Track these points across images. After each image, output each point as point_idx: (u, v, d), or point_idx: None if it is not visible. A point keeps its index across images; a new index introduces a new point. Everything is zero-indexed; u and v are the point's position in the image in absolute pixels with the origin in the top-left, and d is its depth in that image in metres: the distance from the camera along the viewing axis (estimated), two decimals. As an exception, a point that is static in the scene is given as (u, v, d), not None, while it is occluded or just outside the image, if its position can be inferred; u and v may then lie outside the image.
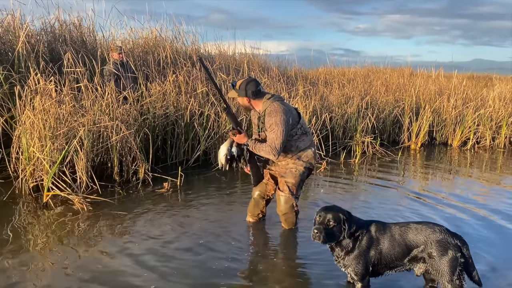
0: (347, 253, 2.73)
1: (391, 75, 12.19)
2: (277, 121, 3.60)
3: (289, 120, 3.67)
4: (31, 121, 4.82)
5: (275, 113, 3.62)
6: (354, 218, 2.77)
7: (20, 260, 3.31)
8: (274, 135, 3.62)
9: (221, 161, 3.88)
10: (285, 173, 3.86)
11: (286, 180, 3.85)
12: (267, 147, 3.66)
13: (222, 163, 3.88)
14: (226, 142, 3.90)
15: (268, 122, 3.66)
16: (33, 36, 7.26)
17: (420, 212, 4.67)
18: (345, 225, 2.67)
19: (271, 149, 3.64)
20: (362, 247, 2.71)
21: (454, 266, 2.61)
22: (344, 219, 2.67)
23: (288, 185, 3.84)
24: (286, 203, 3.88)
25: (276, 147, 3.62)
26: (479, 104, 9.88)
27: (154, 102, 6.27)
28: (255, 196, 4.09)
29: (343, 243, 2.73)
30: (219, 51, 9.99)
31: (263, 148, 3.69)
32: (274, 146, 3.63)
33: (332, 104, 8.26)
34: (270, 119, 3.63)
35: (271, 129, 3.64)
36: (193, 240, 3.78)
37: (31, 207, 4.49)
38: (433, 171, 6.90)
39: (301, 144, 3.81)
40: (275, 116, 3.61)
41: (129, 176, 5.42)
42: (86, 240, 3.75)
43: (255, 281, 3.12)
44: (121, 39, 8.70)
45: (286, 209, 3.90)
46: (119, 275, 3.12)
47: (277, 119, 3.60)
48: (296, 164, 3.83)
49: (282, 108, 3.66)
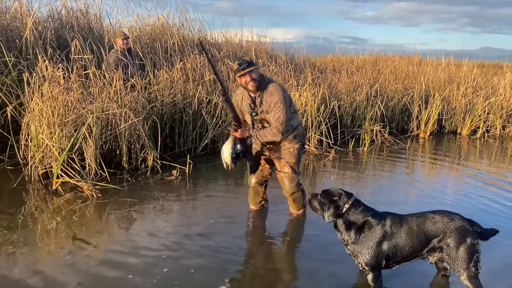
0: (353, 242, 2.71)
1: (400, 63, 12.03)
2: (281, 98, 3.59)
3: (289, 97, 3.72)
4: (40, 108, 4.81)
5: (277, 91, 3.60)
6: (359, 208, 2.75)
7: (29, 246, 3.33)
8: (280, 113, 3.59)
9: (226, 161, 3.79)
10: (283, 154, 3.84)
11: (286, 160, 3.84)
12: (272, 129, 3.63)
13: (227, 163, 3.79)
14: (228, 141, 3.79)
15: (271, 101, 3.60)
16: (40, 23, 7.23)
17: (428, 201, 4.63)
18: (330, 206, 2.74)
19: (277, 130, 3.61)
20: (371, 239, 2.67)
21: (472, 253, 2.58)
22: (331, 200, 2.73)
23: (289, 165, 3.84)
24: (291, 182, 3.87)
25: (282, 125, 3.61)
26: (490, 92, 9.74)
27: (162, 89, 6.23)
28: (253, 185, 4.09)
29: (339, 226, 2.76)
30: (226, 38, 9.90)
31: (269, 132, 3.65)
32: (280, 123, 3.60)
33: (341, 92, 8.17)
34: (273, 97, 3.59)
35: (276, 108, 3.59)
36: (201, 227, 3.78)
37: (41, 194, 4.51)
38: (442, 160, 6.83)
39: (294, 122, 3.81)
40: (278, 94, 3.59)
41: (138, 164, 5.42)
42: (95, 226, 3.76)
43: (267, 269, 3.11)
44: (128, 26, 8.65)
45: (292, 188, 3.89)
46: (127, 261, 3.12)
47: (280, 97, 3.59)
48: (292, 143, 3.82)
49: (281, 86, 3.69)
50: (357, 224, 2.71)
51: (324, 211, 2.77)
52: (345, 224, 2.74)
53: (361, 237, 2.69)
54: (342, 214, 2.73)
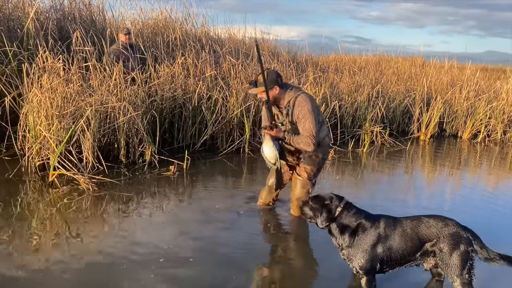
0: (347, 246, 2.69)
1: (402, 64, 11.99)
2: (309, 109, 3.55)
3: (317, 109, 3.68)
4: (39, 99, 4.79)
5: (305, 102, 3.57)
6: (352, 210, 2.72)
7: (24, 238, 3.31)
8: (309, 124, 3.55)
9: (271, 159, 3.60)
10: (305, 159, 3.82)
11: (305, 166, 3.83)
12: (305, 138, 3.57)
13: (273, 161, 3.60)
14: (266, 140, 3.61)
15: (299, 112, 3.57)
16: (42, 13, 7.20)
17: (425, 204, 4.61)
18: (322, 210, 2.71)
19: (310, 139, 3.55)
20: (365, 242, 2.64)
21: (465, 260, 2.55)
22: (323, 205, 2.71)
23: (306, 171, 3.83)
24: (303, 188, 3.85)
25: (314, 135, 3.56)
26: (492, 97, 9.70)
27: (162, 84, 6.21)
28: (270, 184, 4.05)
29: (333, 231, 2.72)
30: (229, 34, 9.86)
31: (302, 140, 3.59)
32: (311, 134, 3.55)
33: (342, 92, 8.14)
34: (301, 108, 3.56)
35: (305, 118, 3.56)
36: (197, 223, 3.76)
37: (37, 186, 4.49)
38: (441, 163, 6.81)
39: (321, 134, 3.77)
40: (306, 104, 3.56)
41: (136, 158, 5.40)
42: (90, 220, 3.75)
43: (264, 264, 3.10)
44: (130, 20, 8.62)
45: (301, 193, 3.85)
46: (121, 255, 3.11)
47: (309, 107, 3.56)
48: (316, 151, 3.77)
49: (309, 97, 3.65)
50: (351, 227, 2.69)
51: (317, 217, 2.74)
52: (338, 228, 2.71)
53: (355, 240, 2.67)
54: (335, 218, 2.71)
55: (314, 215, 2.76)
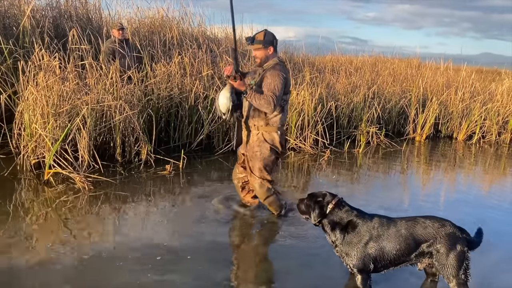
0: (340, 243, 2.70)
1: (399, 65, 12.02)
2: (279, 74, 3.54)
3: (288, 80, 3.65)
4: (34, 97, 4.76)
5: (279, 70, 3.57)
6: (343, 207, 2.75)
7: (18, 236, 3.29)
8: (275, 84, 3.50)
9: (222, 109, 3.54)
10: (252, 157, 3.78)
11: (253, 164, 3.78)
12: (266, 96, 3.48)
13: (224, 111, 3.54)
14: (225, 88, 3.54)
15: (270, 74, 3.55)
16: (38, 11, 7.16)
17: (419, 204, 4.63)
18: (314, 207, 2.74)
19: (271, 98, 3.46)
20: (356, 240, 2.65)
21: (461, 261, 2.57)
22: (315, 201, 2.74)
23: (257, 168, 3.77)
24: (261, 188, 3.81)
25: (276, 95, 3.47)
26: (487, 98, 9.76)
27: (158, 83, 6.19)
28: (235, 182, 4.13)
29: (325, 227, 2.76)
30: (226, 34, 9.84)
31: (263, 97, 3.48)
32: (274, 93, 3.48)
33: (338, 93, 8.16)
34: (273, 71, 3.56)
35: (272, 79, 3.51)
36: (194, 223, 3.76)
37: (32, 184, 4.47)
38: (436, 164, 6.84)
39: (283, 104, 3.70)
40: (278, 71, 3.56)
41: (131, 157, 5.38)
42: (85, 218, 3.74)
43: (258, 262, 3.10)
44: (127, 18, 8.58)
45: (262, 194, 3.84)
46: (116, 254, 3.10)
47: (280, 73, 3.55)
48: (261, 147, 3.72)
49: (285, 69, 3.69)
50: (341, 224, 2.71)
51: (310, 214, 2.76)
52: (330, 224, 2.73)
53: (346, 237, 2.68)
54: (327, 214, 2.73)
55: (308, 212, 2.78)
